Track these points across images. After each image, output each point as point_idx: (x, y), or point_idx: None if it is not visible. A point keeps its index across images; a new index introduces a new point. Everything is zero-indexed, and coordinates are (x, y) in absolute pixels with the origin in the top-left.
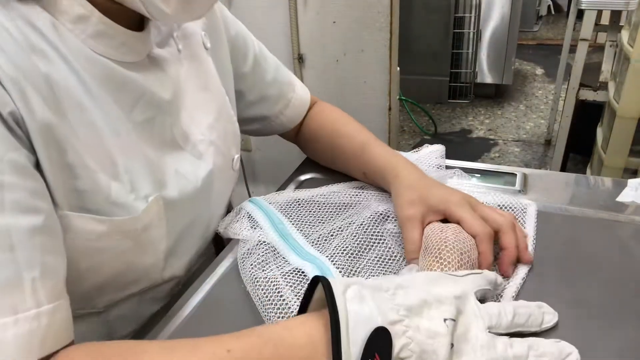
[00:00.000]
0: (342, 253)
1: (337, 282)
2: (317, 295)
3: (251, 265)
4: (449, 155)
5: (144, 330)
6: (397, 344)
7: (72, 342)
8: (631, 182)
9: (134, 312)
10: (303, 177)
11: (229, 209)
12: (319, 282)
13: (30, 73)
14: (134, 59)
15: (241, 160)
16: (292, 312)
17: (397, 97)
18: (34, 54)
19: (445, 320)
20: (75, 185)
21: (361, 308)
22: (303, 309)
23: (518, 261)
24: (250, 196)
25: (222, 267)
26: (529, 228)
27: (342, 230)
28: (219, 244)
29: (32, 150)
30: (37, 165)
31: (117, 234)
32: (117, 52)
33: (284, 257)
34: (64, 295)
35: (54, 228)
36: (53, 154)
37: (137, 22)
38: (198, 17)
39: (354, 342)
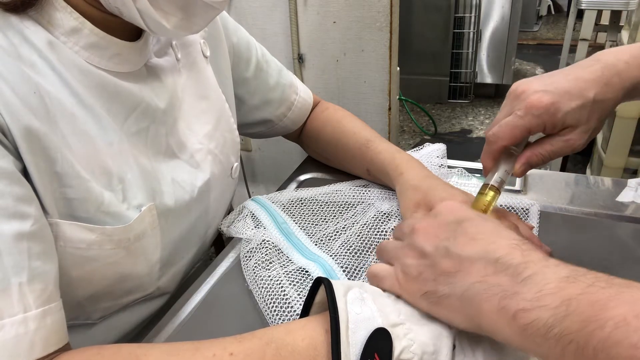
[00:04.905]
0: (346, 252)
1: (339, 284)
2: (319, 298)
3: (255, 264)
4: (449, 156)
5: (143, 331)
6: (398, 346)
7: (67, 344)
8: (631, 182)
9: (127, 323)
10: (303, 177)
11: (229, 210)
12: (320, 284)
13: (17, 82)
14: (129, 69)
15: (241, 161)
16: (295, 311)
17: (397, 97)
18: (23, 64)
19: None
20: (66, 193)
21: (362, 310)
22: (305, 311)
23: None
24: (250, 196)
25: (222, 267)
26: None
27: (346, 230)
28: (219, 244)
29: (19, 157)
30: (25, 173)
31: (108, 243)
32: (110, 63)
33: (287, 257)
34: (56, 299)
35: (43, 233)
36: (41, 162)
37: (136, 33)
38: (197, 32)
39: (353, 343)
